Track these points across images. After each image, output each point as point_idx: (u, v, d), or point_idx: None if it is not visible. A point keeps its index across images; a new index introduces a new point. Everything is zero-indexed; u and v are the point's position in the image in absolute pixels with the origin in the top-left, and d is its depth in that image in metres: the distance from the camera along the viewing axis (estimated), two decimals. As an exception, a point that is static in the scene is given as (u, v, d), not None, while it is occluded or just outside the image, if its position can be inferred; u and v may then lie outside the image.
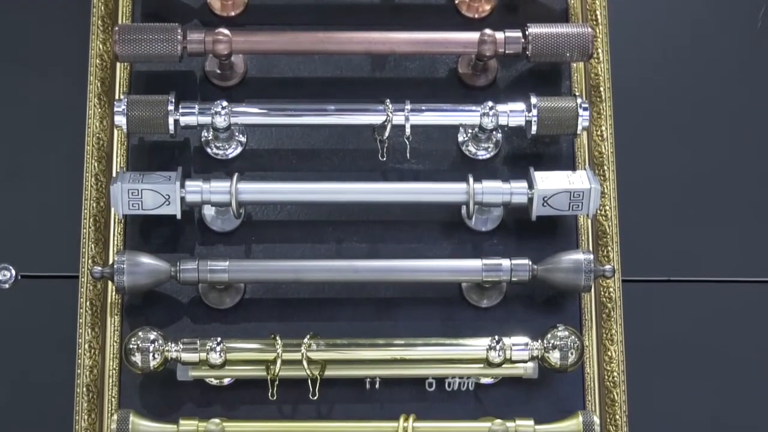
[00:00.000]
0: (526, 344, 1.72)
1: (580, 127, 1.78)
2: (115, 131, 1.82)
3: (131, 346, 1.71)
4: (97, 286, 1.78)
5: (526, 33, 1.79)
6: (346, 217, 1.82)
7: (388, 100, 1.77)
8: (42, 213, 1.90)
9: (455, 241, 1.82)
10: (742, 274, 1.94)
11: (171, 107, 1.75)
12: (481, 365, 1.74)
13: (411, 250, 1.81)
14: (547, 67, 1.87)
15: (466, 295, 1.80)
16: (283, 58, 1.87)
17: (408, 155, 1.79)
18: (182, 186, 1.73)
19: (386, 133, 1.77)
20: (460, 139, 1.85)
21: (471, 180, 1.75)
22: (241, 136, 1.84)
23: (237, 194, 1.74)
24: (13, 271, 1.88)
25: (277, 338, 1.72)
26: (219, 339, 1.70)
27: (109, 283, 1.76)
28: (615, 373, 1.79)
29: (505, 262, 1.74)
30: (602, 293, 1.81)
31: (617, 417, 1.78)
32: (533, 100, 1.78)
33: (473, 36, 1.80)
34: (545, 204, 1.75)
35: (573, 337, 1.73)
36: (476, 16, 1.89)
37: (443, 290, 1.81)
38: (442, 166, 1.84)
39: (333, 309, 1.80)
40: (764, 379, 1.92)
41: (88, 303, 1.78)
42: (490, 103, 1.78)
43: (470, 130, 1.83)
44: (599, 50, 1.87)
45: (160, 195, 1.72)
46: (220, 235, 1.81)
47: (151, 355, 1.70)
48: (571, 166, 1.84)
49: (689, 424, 1.90)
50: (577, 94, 1.85)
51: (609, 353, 1.79)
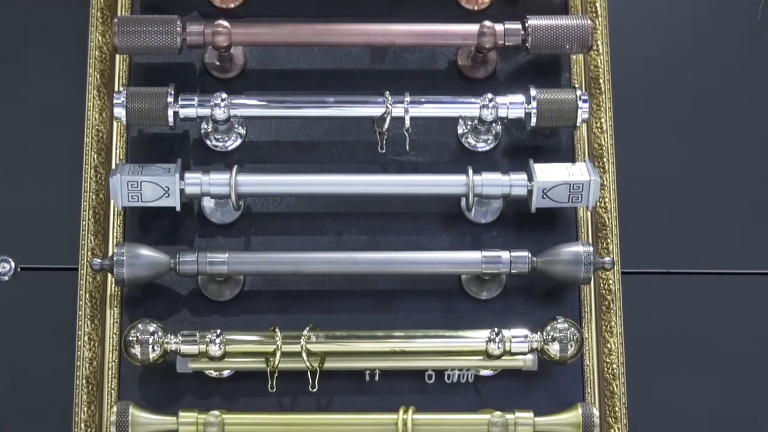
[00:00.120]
0: (526, 336, 1.72)
1: (579, 119, 1.78)
2: (115, 123, 1.82)
3: (131, 338, 1.70)
4: (97, 278, 1.78)
5: (526, 25, 1.79)
6: (345, 209, 1.82)
7: (388, 92, 1.77)
8: (41, 205, 1.90)
9: (455, 233, 1.82)
10: (741, 266, 1.94)
11: (170, 99, 1.75)
12: (481, 357, 1.74)
13: (410, 242, 1.81)
14: (547, 59, 1.87)
15: (466, 287, 1.80)
16: (282, 50, 1.87)
17: (407, 147, 1.79)
18: (182, 178, 1.73)
19: (386, 125, 1.77)
20: (460, 131, 1.85)
21: (470, 172, 1.75)
22: (240, 128, 1.83)
23: (236, 186, 1.74)
24: (13, 263, 1.88)
25: (277, 330, 1.72)
26: (218, 331, 1.70)
27: (109, 275, 1.76)
28: (614, 365, 1.79)
29: (505, 254, 1.74)
30: (602, 285, 1.81)
31: (616, 409, 1.78)
32: (533, 92, 1.77)
33: (473, 28, 1.79)
34: (545, 196, 1.74)
35: (572, 329, 1.73)
36: (476, 7, 1.88)
37: (443, 282, 1.80)
38: (442, 158, 1.84)
39: (332, 301, 1.80)
40: (763, 370, 1.92)
41: (87, 295, 1.78)
42: (489, 95, 1.77)
43: (470, 122, 1.83)
44: (599, 42, 1.87)
45: (159, 187, 1.72)
46: (219, 227, 1.81)
47: (150, 347, 1.70)
48: (571, 158, 1.84)
49: (688, 416, 1.90)
50: (576, 86, 1.85)
51: (608, 345, 1.79)
